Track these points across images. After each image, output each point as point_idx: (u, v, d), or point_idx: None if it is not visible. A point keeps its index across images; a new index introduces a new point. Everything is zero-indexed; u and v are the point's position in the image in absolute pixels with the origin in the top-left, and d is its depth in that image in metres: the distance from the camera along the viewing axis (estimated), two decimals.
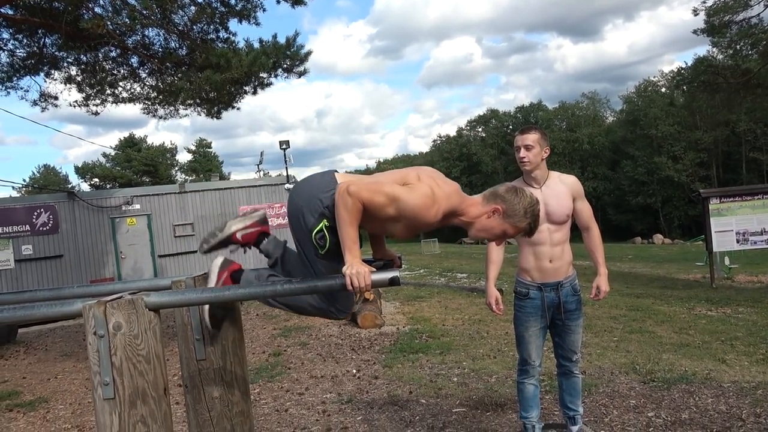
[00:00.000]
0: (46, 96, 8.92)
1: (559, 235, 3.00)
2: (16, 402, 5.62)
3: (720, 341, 5.78)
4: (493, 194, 2.05)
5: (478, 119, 64.64)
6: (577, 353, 3.09)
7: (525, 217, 2.01)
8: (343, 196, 1.80)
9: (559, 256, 3.01)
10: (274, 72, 8.23)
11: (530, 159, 2.97)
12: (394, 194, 1.85)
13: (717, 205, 10.34)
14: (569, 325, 3.04)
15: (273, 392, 5.15)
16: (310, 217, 1.94)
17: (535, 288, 3.03)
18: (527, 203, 2.02)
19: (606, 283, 3.08)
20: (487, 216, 2.02)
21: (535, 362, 3.07)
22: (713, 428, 3.57)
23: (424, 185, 1.90)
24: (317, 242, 1.93)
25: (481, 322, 7.42)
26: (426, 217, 1.88)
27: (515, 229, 2.03)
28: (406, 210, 1.86)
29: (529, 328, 3.04)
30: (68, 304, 1.65)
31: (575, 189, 3.08)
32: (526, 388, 3.10)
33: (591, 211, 3.16)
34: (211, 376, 2.06)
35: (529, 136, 2.99)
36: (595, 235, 3.13)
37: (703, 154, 44.08)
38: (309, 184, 2.02)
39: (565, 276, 3.02)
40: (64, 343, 8.90)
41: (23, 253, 12.06)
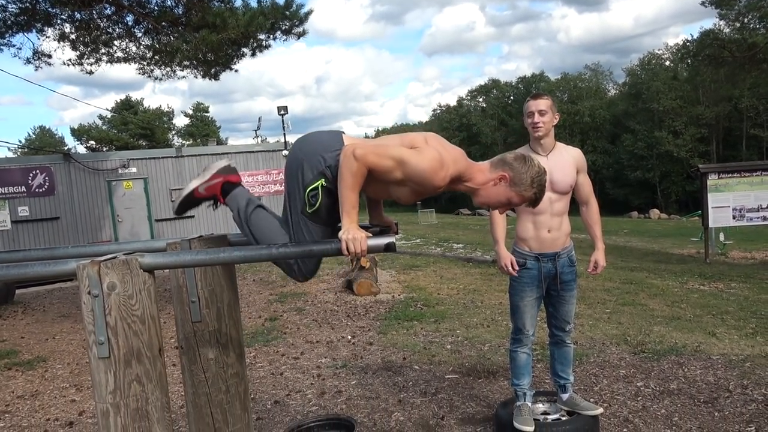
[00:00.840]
0: (40, 54, 8.76)
1: (559, 205, 3.00)
2: (15, 361, 5.68)
3: (711, 315, 5.84)
4: (501, 161, 2.02)
5: (479, 89, 63.96)
6: (570, 323, 3.12)
7: (531, 186, 1.99)
8: (348, 158, 1.76)
9: (558, 226, 3.01)
10: (272, 33, 8.07)
11: (544, 124, 2.95)
12: (402, 157, 1.82)
13: (715, 180, 10.33)
14: (564, 295, 3.06)
15: (269, 356, 5.21)
16: (309, 173, 1.90)
17: (532, 258, 3.03)
18: (534, 172, 1.99)
19: (603, 257, 3.09)
20: (493, 183, 1.99)
21: (528, 331, 3.10)
22: (701, 398, 3.63)
23: (431, 149, 1.87)
24: (308, 199, 1.90)
25: (475, 292, 7.48)
26: (433, 181, 1.85)
27: (520, 197, 2.01)
28: (414, 174, 1.82)
29: (524, 298, 3.06)
30: (62, 264, 1.64)
31: (579, 162, 3.07)
32: (518, 357, 3.13)
33: (591, 186, 3.17)
34: (206, 337, 2.07)
35: (543, 101, 2.97)
36: (593, 210, 3.13)
37: (704, 130, 43.84)
38: (315, 140, 1.97)
39: (562, 247, 3.03)
40: (62, 304, 8.96)
41: (20, 214, 12.04)
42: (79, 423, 3.97)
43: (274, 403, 4.05)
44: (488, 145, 55.35)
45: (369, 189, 1.95)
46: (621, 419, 3.40)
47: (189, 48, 7.65)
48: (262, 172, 14.25)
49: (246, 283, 9.19)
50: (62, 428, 3.91)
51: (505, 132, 56.04)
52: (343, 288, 8.10)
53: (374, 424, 3.57)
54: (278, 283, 9.06)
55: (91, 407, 4.24)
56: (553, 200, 2.98)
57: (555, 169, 2.94)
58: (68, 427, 3.91)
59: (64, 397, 4.54)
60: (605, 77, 56.95)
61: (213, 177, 2.12)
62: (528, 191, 2.00)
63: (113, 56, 8.74)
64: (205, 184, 2.12)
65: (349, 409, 3.84)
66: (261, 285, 9.07)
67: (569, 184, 3.00)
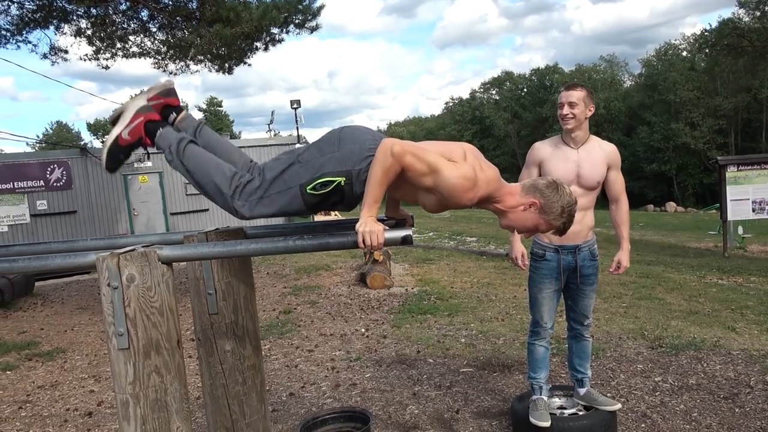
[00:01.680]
0: (56, 49, 8.84)
1: (584, 200, 2.92)
2: (35, 352, 5.78)
3: (730, 310, 5.76)
4: (533, 187, 1.98)
5: (492, 81, 63.40)
6: (589, 317, 3.08)
7: (561, 216, 1.96)
8: (385, 153, 1.73)
9: (580, 220, 2.93)
10: (285, 27, 8.06)
11: (574, 116, 2.86)
12: (437, 166, 1.78)
13: (734, 173, 10.15)
14: (584, 289, 3.02)
15: (283, 348, 5.24)
16: (336, 165, 1.84)
17: (552, 250, 2.98)
18: (566, 202, 1.95)
19: (627, 258, 3.03)
20: (523, 208, 1.96)
21: (546, 324, 3.06)
22: (720, 394, 3.59)
23: (468, 166, 1.83)
24: (317, 183, 1.84)
25: (489, 285, 7.45)
26: (461, 199, 1.82)
27: (548, 225, 1.98)
28: (444, 186, 1.79)
29: (543, 290, 3.02)
30: (82, 256, 1.65)
31: (612, 158, 2.98)
32: (536, 350, 3.10)
33: (623, 184, 3.07)
34: (223, 330, 2.08)
35: (574, 93, 2.88)
36: (623, 209, 3.05)
37: (722, 121, 43.10)
38: (362, 138, 1.89)
39: (584, 240, 2.98)
40: (80, 296, 9.09)
41: (38, 208, 12.20)
42: (98, 413, 4.03)
43: (289, 395, 4.07)
44: (501, 138, 54.99)
45: (398, 192, 1.92)
46: (639, 414, 3.37)
47: (203, 42, 7.67)
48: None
49: (260, 276, 9.24)
50: (81, 418, 3.97)
51: (519, 125, 55.54)
52: (357, 281, 8.11)
53: (389, 417, 3.57)
54: (292, 276, 9.10)
55: (109, 398, 4.29)
56: (578, 195, 2.90)
57: (584, 163, 2.89)
58: (87, 417, 3.96)
59: (83, 388, 4.61)
60: (620, 68, 56.20)
61: (133, 118, 2.02)
62: (557, 220, 1.97)
63: (128, 51, 8.80)
64: (127, 128, 2.01)
65: (363, 401, 3.84)
66: (275, 278, 9.12)
67: (596, 181, 2.93)
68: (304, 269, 9.46)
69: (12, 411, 4.21)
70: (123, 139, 2.02)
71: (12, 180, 12.02)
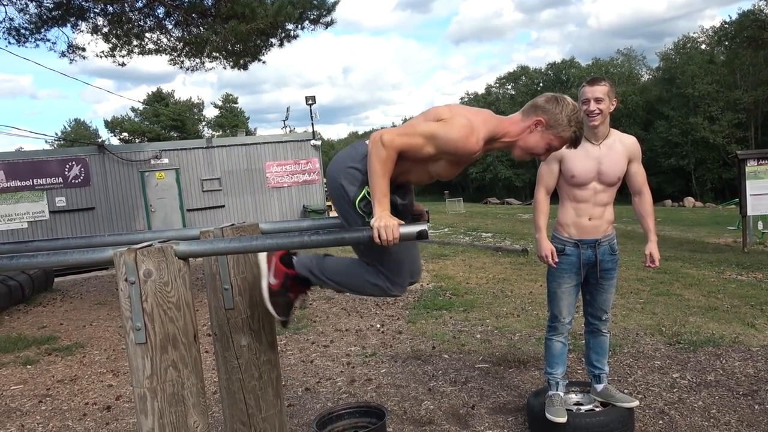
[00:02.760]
0: (74, 47, 8.95)
1: (604, 196, 2.89)
2: (54, 346, 5.87)
3: (749, 306, 5.67)
4: (532, 107, 1.96)
5: (507, 76, 63.06)
6: (607, 312, 3.05)
7: (569, 125, 1.93)
8: (376, 146, 1.75)
9: (599, 215, 2.91)
10: (300, 23, 8.08)
11: (601, 112, 2.80)
12: (430, 131, 1.79)
13: (754, 167, 9.97)
14: (603, 284, 2.99)
15: (299, 344, 5.26)
16: (350, 187, 1.89)
17: (572, 244, 2.95)
18: (570, 110, 1.92)
19: (657, 249, 2.99)
20: (529, 131, 1.94)
21: (565, 319, 3.03)
22: (740, 391, 3.53)
23: (458, 116, 1.83)
24: (362, 210, 1.87)
25: (505, 281, 7.41)
26: (467, 147, 1.81)
27: (560, 139, 1.95)
28: (447, 144, 1.79)
29: (562, 285, 2.99)
30: (100, 252, 1.67)
31: (633, 151, 2.93)
32: (553, 345, 3.07)
33: (645, 176, 3.01)
34: (239, 324, 2.10)
35: (599, 88, 2.80)
36: (647, 201, 3.00)
37: (742, 115, 42.33)
38: (342, 157, 1.96)
39: (603, 234, 2.94)
40: (98, 292, 9.21)
41: (57, 204, 12.39)
42: (116, 407, 4.09)
43: (304, 390, 4.09)
44: None
45: (411, 175, 1.92)
46: (656, 411, 3.33)
47: (218, 39, 7.72)
48: (290, 162, 14.34)
49: None
50: (100, 412, 4.02)
51: None
52: None
53: (404, 412, 3.58)
54: None
55: (127, 392, 4.35)
56: (598, 191, 2.88)
57: (605, 159, 2.84)
58: (106, 411, 4.02)
59: (101, 382, 4.67)
60: (638, 62, 55.46)
61: (268, 264, 2.08)
62: (566, 131, 1.94)
63: (145, 48, 8.88)
64: (269, 274, 2.07)
65: (379, 397, 3.85)
66: None
67: (617, 176, 2.88)
68: None
69: (32, 405, 4.28)
70: (272, 285, 2.07)
71: (31, 177, 12.22)
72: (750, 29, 15.76)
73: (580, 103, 2.87)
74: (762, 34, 15.25)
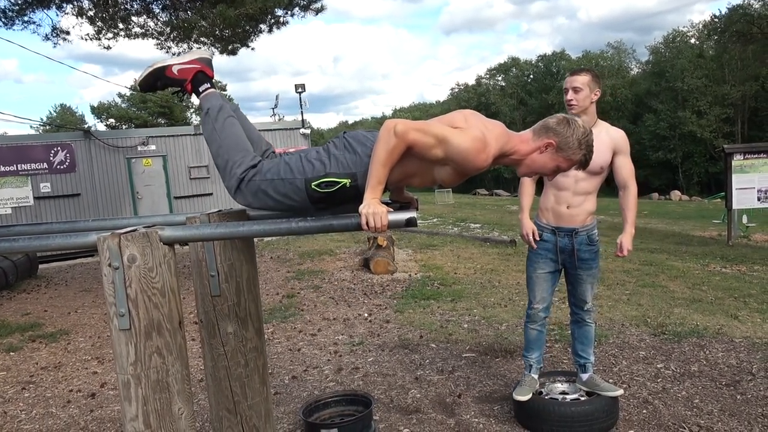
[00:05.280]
0: (58, 31, 8.78)
1: (585, 184, 2.94)
2: (39, 333, 5.81)
3: (733, 298, 5.74)
4: (543, 128, 1.95)
5: (498, 67, 62.98)
6: (587, 303, 3.07)
7: (579, 149, 1.92)
8: (388, 133, 1.70)
9: (578, 204, 2.96)
10: (290, 9, 7.98)
11: (577, 102, 2.88)
12: (444, 135, 1.75)
13: (740, 161, 10.07)
14: (581, 274, 3.02)
15: (286, 332, 5.25)
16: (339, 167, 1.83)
17: (549, 230, 3.02)
18: (581, 134, 1.92)
19: (629, 240, 2.99)
20: (539, 152, 1.93)
21: (539, 306, 3.10)
22: (722, 381, 3.58)
23: (473, 128, 1.79)
24: (321, 181, 1.83)
25: (493, 272, 7.44)
26: (476, 161, 1.78)
27: (569, 162, 1.95)
28: (456, 153, 1.76)
29: (537, 270, 3.06)
30: (83, 236, 1.64)
31: (619, 143, 2.96)
32: (529, 332, 3.18)
33: (632, 170, 3.03)
34: (225, 312, 2.08)
35: (578, 78, 2.88)
36: (631, 195, 3.01)
37: (729, 110, 42.72)
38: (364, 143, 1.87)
39: (581, 224, 2.98)
40: (83, 279, 9.12)
41: (42, 190, 12.23)
42: (101, 394, 4.05)
43: (291, 378, 4.09)
44: (507, 125, 54.41)
45: (415, 179, 1.90)
46: (640, 400, 3.37)
47: (206, 24, 7.61)
48: (279, 150, 14.18)
49: (263, 261, 9.25)
50: (85, 399, 3.99)
51: (525, 111, 55.24)
52: (360, 266, 8.12)
53: (391, 400, 3.58)
54: (295, 261, 9.11)
55: (112, 379, 4.32)
56: (579, 179, 2.92)
57: None
58: (90, 398, 3.99)
59: (86, 369, 4.63)
60: (628, 55, 55.64)
61: (191, 61, 2.05)
62: (576, 154, 1.93)
63: (131, 32, 8.73)
64: (180, 65, 2.04)
65: (366, 385, 3.85)
66: (278, 262, 9.13)
67: (599, 166, 2.91)
68: (308, 254, 9.47)
69: (15, 392, 4.24)
70: (171, 71, 2.04)
71: (16, 162, 12.04)
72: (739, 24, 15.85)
73: (563, 92, 2.92)
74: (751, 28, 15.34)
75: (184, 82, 2.05)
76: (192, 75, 2.05)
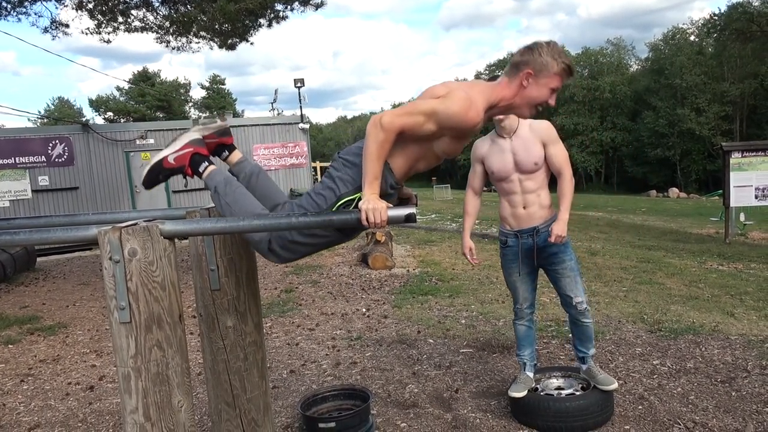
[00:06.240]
0: (57, 23, 8.75)
1: (530, 183, 3.01)
2: (37, 326, 5.82)
3: (730, 295, 5.77)
4: (513, 66, 1.97)
5: (497, 64, 62.79)
6: (573, 297, 3.04)
7: (555, 61, 1.93)
8: (375, 128, 1.73)
9: (533, 202, 3.04)
10: (289, 4, 7.96)
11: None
12: (431, 108, 1.79)
13: (738, 159, 10.09)
14: (556, 269, 3.06)
15: (284, 327, 5.27)
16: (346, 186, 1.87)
17: (512, 235, 3.10)
18: (547, 49, 1.94)
19: (561, 227, 2.93)
20: (522, 87, 1.95)
21: (523, 305, 3.19)
22: (718, 378, 3.61)
23: (455, 91, 1.84)
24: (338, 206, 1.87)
25: (490, 268, 7.46)
26: (469, 119, 1.82)
27: (556, 78, 1.95)
28: (448, 119, 1.80)
29: (512, 274, 3.15)
30: (83, 230, 1.65)
31: (545, 135, 3.01)
32: (518, 329, 3.25)
33: (565, 156, 3.05)
34: (225, 306, 2.09)
35: None
36: (565, 181, 3.03)
37: (728, 108, 42.72)
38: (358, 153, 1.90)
39: (542, 221, 3.04)
40: (82, 272, 9.13)
41: (40, 183, 12.20)
42: (99, 387, 4.07)
43: (289, 373, 4.11)
44: None
45: (421, 163, 1.94)
46: (636, 396, 3.39)
47: (206, 18, 7.59)
48: (278, 144, 14.24)
49: None
50: (83, 392, 4.00)
51: None
52: (359, 261, 8.13)
53: (389, 395, 3.60)
54: None
55: (110, 372, 4.33)
56: (522, 179, 3.02)
57: (518, 150, 2.99)
58: (89, 391, 4.00)
59: (84, 362, 4.65)
60: (627, 52, 55.56)
61: (183, 147, 2.09)
62: (556, 66, 1.94)
63: (131, 25, 8.70)
64: (174, 154, 2.08)
65: (363, 380, 3.87)
66: None
67: (533, 162, 2.99)
68: None
69: (14, 384, 4.25)
70: (168, 162, 2.08)
71: (13, 155, 12.00)
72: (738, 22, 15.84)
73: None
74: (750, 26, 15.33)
75: (183, 168, 2.09)
76: (188, 160, 2.08)
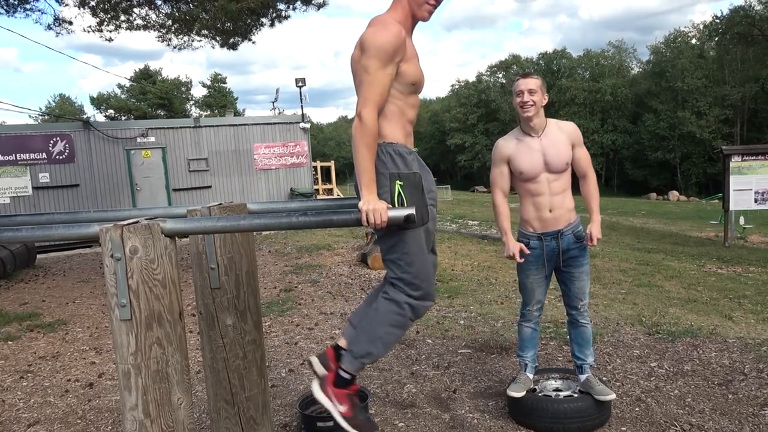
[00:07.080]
0: (61, 20, 8.77)
1: (558, 184, 3.00)
2: (36, 323, 5.83)
3: (728, 299, 5.78)
4: None
5: (499, 65, 62.78)
6: (582, 301, 3.10)
7: None
8: (359, 129, 1.77)
9: (559, 204, 3.02)
10: (292, 3, 7.98)
11: (534, 102, 2.92)
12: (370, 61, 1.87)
13: (738, 163, 10.11)
14: (573, 272, 3.06)
15: (283, 326, 5.28)
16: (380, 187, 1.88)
17: (535, 238, 3.06)
18: None
19: (598, 229, 3.04)
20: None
21: (533, 308, 3.17)
22: (715, 380, 3.62)
23: (369, 33, 1.91)
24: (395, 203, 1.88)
25: (490, 269, 7.48)
26: (394, 38, 1.88)
27: None
28: (385, 53, 1.87)
29: (529, 277, 3.12)
30: (85, 227, 1.66)
31: (574, 136, 3.03)
32: (523, 330, 3.23)
33: (589, 158, 3.12)
34: (224, 304, 2.10)
35: (532, 81, 2.95)
36: (591, 183, 3.09)
37: (729, 111, 42.75)
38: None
39: (566, 224, 3.03)
40: (81, 270, 9.14)
41: (40, 180, 12.21)
42: (99, 384, 4.08)
43: (288, 372, 4.12)
44: (506, 122, 54.58)
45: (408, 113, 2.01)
46: (633, 398, 3.41)
47: (208, 17, 7.60)
48: (278, 144, 14.25)
49: (261, 254, 9.27)
50: (82, 389, 4.01)
51: None
52: (358, 261, 8.14)
53: (387, 395, 3.61)
54: (293, 255, 9.13)
55: (109, 370, 4.34)
56: (551, 180, 3.00)
57: (548, 149, 2.96)
58: (88, 388, 4.01)
59: (84, 359, 4.65)
60: (629, 55, 55.56)
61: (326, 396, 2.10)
62: None
63: (133, 24, 8.72)
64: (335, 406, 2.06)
65: (361, 380, 3.88)
66: (276, 256, 9.15)
67: (565, 162, 2.99)
68: (306, 248, 9.49)
69: (13, 381, 4.26)
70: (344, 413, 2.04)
71: (14, 152, 12.02)
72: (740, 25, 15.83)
73: (514, 96, 2.99)
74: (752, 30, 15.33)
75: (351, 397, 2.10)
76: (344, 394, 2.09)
